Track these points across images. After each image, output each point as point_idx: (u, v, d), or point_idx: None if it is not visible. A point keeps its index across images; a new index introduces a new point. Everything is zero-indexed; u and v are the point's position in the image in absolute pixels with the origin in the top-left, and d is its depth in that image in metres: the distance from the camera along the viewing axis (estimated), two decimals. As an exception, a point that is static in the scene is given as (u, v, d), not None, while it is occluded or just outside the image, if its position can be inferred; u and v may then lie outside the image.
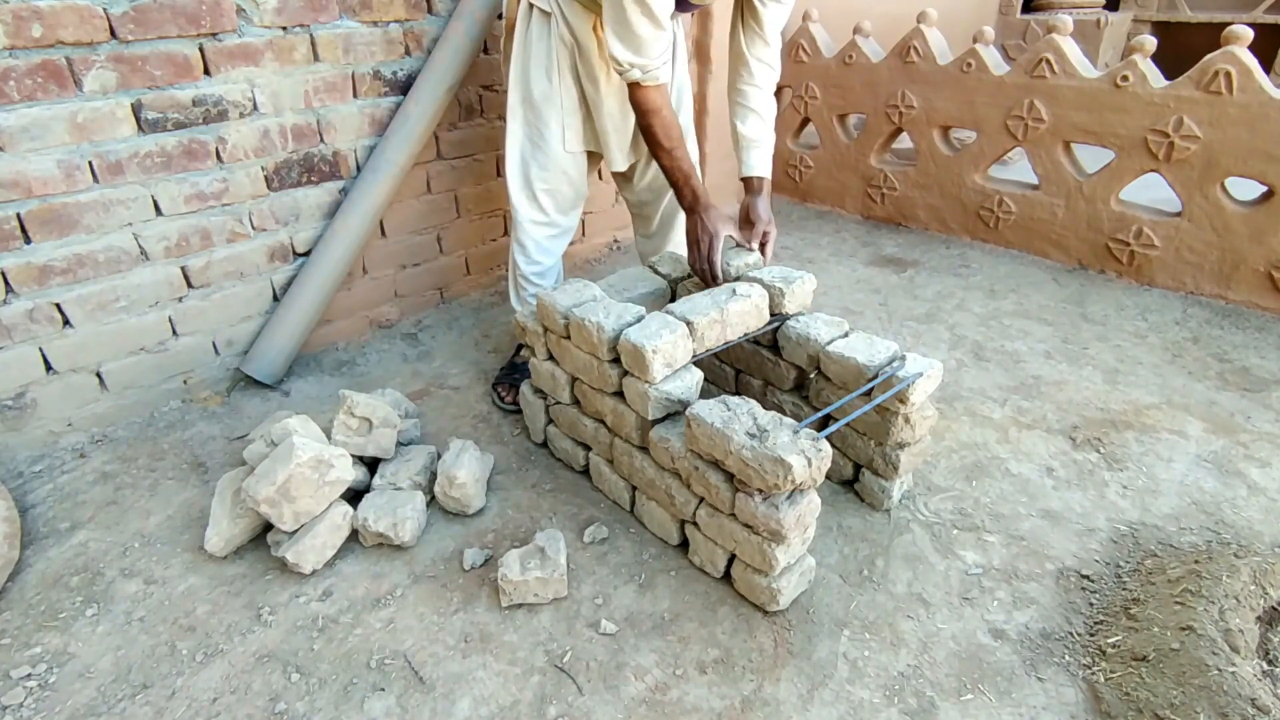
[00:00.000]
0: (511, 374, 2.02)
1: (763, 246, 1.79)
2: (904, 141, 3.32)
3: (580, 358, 1.54)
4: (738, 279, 1.66)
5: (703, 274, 1.70)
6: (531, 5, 1.69)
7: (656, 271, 1.86)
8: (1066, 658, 1.26)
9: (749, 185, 1.85)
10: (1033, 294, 2.61)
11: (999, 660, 1.26)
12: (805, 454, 1.18)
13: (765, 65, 1.79)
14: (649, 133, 1.64)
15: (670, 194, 2.02)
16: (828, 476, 1.65)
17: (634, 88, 1.57)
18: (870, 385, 1.43)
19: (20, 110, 1.55)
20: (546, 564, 1.35)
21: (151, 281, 1.84)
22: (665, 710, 1.18)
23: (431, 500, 1.60)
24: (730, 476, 1.29)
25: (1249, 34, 2.28)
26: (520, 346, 2.08)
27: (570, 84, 1.75)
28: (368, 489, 1.57)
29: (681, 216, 2.03)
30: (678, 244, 2.10)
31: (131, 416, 1.90)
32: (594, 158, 1.92)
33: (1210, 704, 1.11)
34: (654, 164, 1.98)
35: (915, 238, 3.16)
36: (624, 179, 2.06)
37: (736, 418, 1.27)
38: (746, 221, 1.83)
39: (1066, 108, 2.63)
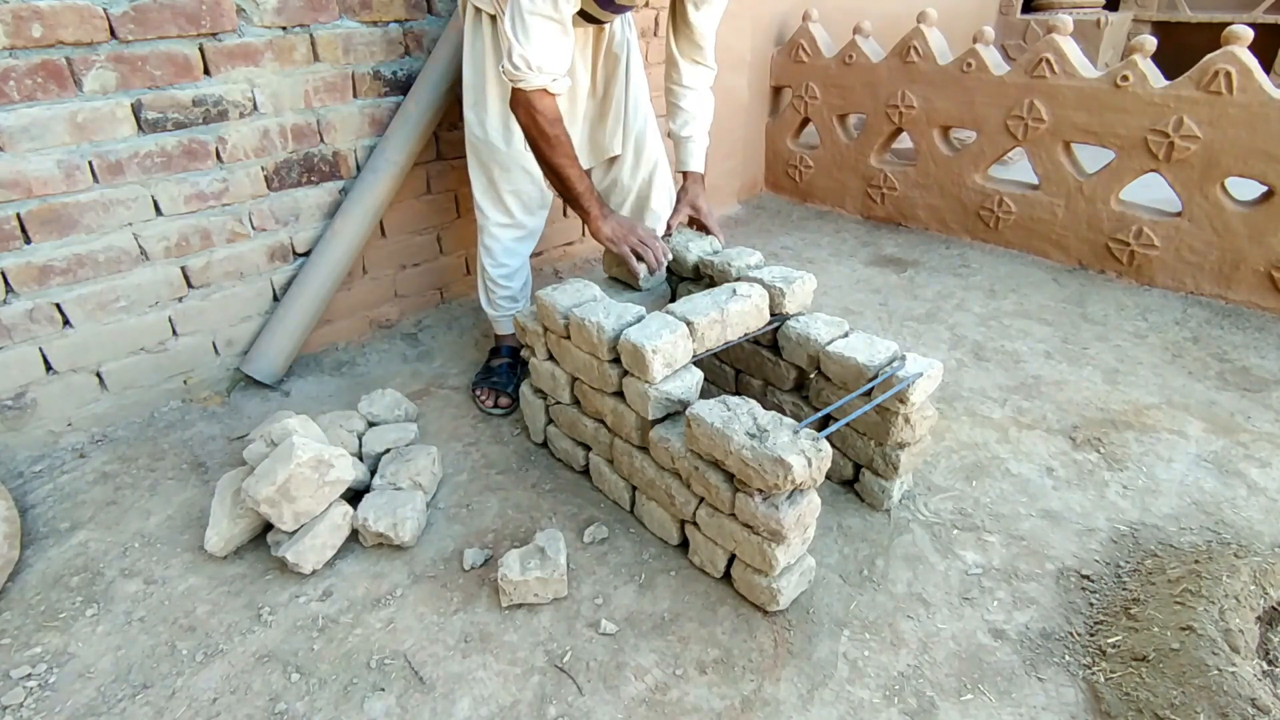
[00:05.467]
0: (489, 378, 2.01)
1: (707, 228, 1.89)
2: (904, 141, 3.31)
3: (580, 358, 1.54)
4: (729, 278, 1.66)
5: (649, 264, 1.71)
6: (478, 9, 1.68)
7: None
8: (1066, 658, 1.26)
9: (685, 179, 1.92)
10: (1033, 294, 2.61)
11: (999, 660, 1.26)
12: (805, 454, 1.18)
13: (698, 65, 1.82)
14: (532, 140, 1.58)
15: (635, 189, 2.01)
16: (828, 476, 1.65)
17: (518, 94, 1.49)
18: (870, 385, 1.43)
19: (20, 110, 1.55)
20: (546, 564, 1.35)
21: (151, 281, 1.84)
22: (665, 710, 1.18)
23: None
24: (730, 476, 1.29)
25: (1249, 34, 2.28)
26: (493, 351, 2.09)
27: None
28: (368, 489, 1.57)
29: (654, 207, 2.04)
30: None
31: (131, 416, 1.90)
32: None
33: (1210, 704, 1.11)
34: (615, 166, 1.98)
35: (915, 238, 3.16)
36: None
37: (736, 418, 1.27)
38: (691, 208, 1.91)
39: (1066, 108, 2.62)
